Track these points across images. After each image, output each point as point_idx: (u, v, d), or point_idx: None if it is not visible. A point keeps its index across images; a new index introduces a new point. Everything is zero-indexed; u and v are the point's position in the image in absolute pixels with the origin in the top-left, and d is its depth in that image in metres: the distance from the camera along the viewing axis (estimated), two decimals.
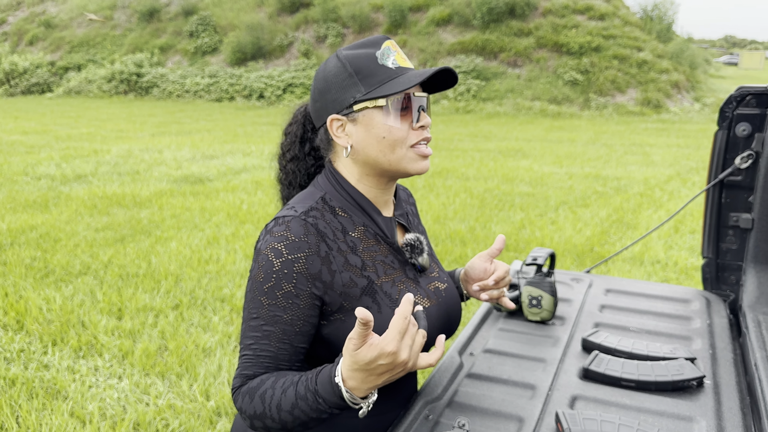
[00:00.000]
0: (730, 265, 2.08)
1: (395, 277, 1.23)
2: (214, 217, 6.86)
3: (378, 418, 1.27)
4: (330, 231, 1.17)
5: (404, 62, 1.20)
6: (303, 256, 1.12)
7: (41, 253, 5.54)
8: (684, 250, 5.78)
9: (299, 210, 1.17)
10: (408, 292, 1.21)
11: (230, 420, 3.00)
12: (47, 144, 12.67)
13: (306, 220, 1.14)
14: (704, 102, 21.18)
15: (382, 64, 1.17)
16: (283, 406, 1.06)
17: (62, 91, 27.37)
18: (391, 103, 1.16)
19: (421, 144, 1.20)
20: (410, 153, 1.19)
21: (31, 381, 3.33)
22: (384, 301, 1.18)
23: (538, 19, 23.62)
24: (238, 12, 28.16)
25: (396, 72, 1.17)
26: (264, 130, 15.68)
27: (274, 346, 1.13)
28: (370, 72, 1.17)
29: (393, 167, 1.20)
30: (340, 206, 1.23)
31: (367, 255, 1.21)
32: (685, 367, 1.43)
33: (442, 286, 1.32)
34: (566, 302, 1.94)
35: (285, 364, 1.14)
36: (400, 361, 0.99)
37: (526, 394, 1.40)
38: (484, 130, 15.94)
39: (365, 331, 0.97)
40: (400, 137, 1.17)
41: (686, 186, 8.76)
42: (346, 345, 1.00)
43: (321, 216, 1.18)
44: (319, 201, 1.21)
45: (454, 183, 8.86)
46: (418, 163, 1.20)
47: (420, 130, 1.19)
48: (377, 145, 1.18)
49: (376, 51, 1.18)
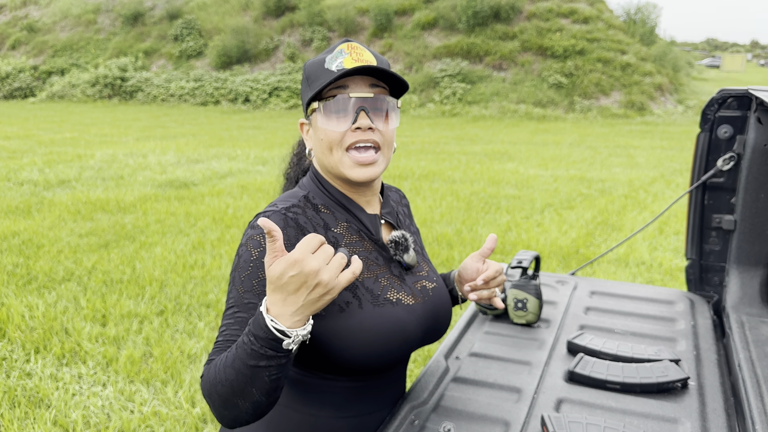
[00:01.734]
0: (714, 267, 2.10)
1: (378, 273, 1.22)
2: (200, 222, 6.82)
3: (361, 419, 1.26)
4: (311, 226, 1.18)
5: (354, 63, 1.16)
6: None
7: (24, 259, 5.48)
8: (668, 252, 5.82)
9: (280, 206, 1.18)
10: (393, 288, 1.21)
11: (216, 427, 2.98)
12: (30, 149, 12.55)
13: (286, 215, 1.16)
14: (687, 104, 21.39)
15: (326, 68, 1.17)
16: (227, 361, 1.00)
17: (45, 96, 27.12)
18: (323, 105, 1.16)
19: (356, 148, 1.17)
20: (345, 158, 1.18)
21: (14, 389, 3.28)
22: (365, 297, 1.17)
23: (522, 22, 23.75)
24: (223, 15, 28.06)
25: (335, 74, 1.15)
26: (249, 134, 15.62)
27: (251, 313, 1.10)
28: (316, 77, 1.18)
29: (334, 171, 1.20)
30: (323, 204, 1.23)
31: (349, 251, 1.21)
32: (670, 369, 1.44)
33: (430, 285, 1.30)
34: (551, 305, 1.94)
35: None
36: (309, 269, 0.93)
37: (512, 397, 1.39)
38: (470, 133, 15.99)
39: (273, 245, 0.95)
40: (333, 139, 1.17)
41: (670, 187, 8.83)
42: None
43: (302, 212, 1.19)
44: (302, 199, 1.22)
45: (440, 186, 8.88)
46: (353, 169, 1.17)
47: (356, 132, 1.16)
48: (320, 148, 1.20)
49: (328, 56, 1.18)
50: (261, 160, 11.36)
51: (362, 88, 1.17)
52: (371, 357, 1.16)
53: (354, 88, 1.17)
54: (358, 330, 1.14)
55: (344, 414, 1.24)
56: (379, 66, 1.14)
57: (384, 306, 1.18)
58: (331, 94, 1.17)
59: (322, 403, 1.23)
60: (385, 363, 1.19)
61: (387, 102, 1.19)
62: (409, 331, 1.20)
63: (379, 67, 1.14)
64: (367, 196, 1.27)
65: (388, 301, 1.19)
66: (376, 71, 1.15)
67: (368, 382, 1.24)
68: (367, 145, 1.17)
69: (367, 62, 1.17)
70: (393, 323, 1.17)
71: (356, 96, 1.15)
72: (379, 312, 1.16)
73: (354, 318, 1.14)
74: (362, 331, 1.14)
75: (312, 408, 1.23)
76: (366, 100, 1.16)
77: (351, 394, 1.24)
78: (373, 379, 1.25)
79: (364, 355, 1.15)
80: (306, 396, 1.23)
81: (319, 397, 1.23)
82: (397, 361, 1.23)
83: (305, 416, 1.24)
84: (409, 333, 1.20)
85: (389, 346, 1.16)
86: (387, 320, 1.16)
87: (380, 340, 1.15)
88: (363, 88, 1.17)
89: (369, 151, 1.18)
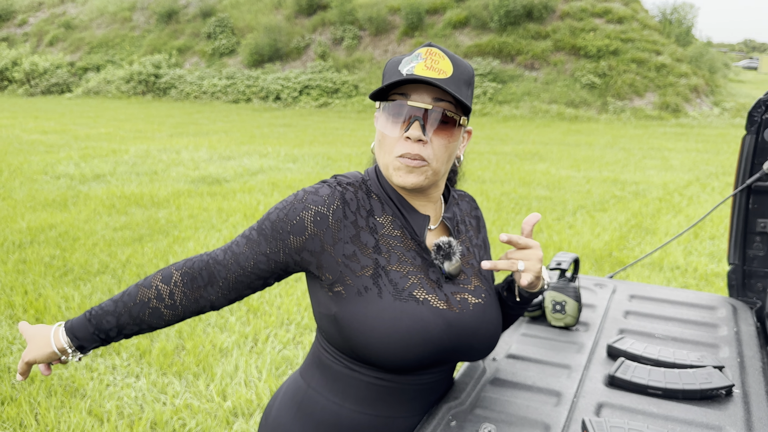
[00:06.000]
0: (757, 272, 2.05)
1: (410, 271, 1.20)
2: (231, 218, 6.89)
3: (385, 421, 1.25)
4: (355, 204, 1.21)
5: (425, 70, 1.12)
6: (314, 210, 1.17)
7: (60, 251, 5.59)
8: (704, 256, 5.71)
9: (338, 179, 1.24)
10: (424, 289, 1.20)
11: (246, 420, 3.00)
12: (66, 143, 12.80)
13: (336, 188, 1.21)
14: (723, 106, 20.97)
15: (398, 69, 1.16)
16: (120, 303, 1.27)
17: (81, 92, 27.67)
18: (382, 107, 1.17)
19: (404, 158, 1.15)
20: (396, 162, 1.17)
21: (50, 379, 3.35)
22: (386, 287, 1.17)
23: (555, 22, 23.52)
24: (256, 14, 28.31)
25: (401, 77, 1.13)
26: (280, 131, 15.73)
27: (245, 249, 1.22)
28: (388, 75, 1.18)
29: (384, 171, 1.20)
30: (376, 193, 1.24)
31: (384, 241, 1.20)
32: (714, 376, 1.41)
33: (474, 300, 1.25)
34: (590, 308, 1.91)
35: (233, 270, 1.22)
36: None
37: (551, 400, 1.37)
38: (501, 133, 15.88)
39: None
40: (387, 143, 1.17)
41: (705, 191, 8.66)
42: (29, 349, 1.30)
43: (354, 192, 1.22)
44: (360, 181, 1.25)
45: (470, 186, 8.83)
46: (398, 171, 1.16)
47: (405, 142, 1.14)
48: (378, 145, 1.21)
49: (408, 56, 1.17)
50: (291, 157, 11.43)
51: (423, 98, 1.14)
52: (388, 349, 1.14)
53: (414, 97, 1.14)
54: (376, 319, 1.14)
55: (367, 411, 1.24)
56: (435, 81, 1.10)
57: (407, 302, 1.16)
58: (393, 98, 1.16)
59: (346, 394, 1.25)
60: (404, 360, 1.17)
61: (447, 116, 1.15)
62: (432, 333, 1.17)
63: (435, 83, 1.10)
64: (421, 200, 1.25)
65: (412, 298, 1.17)
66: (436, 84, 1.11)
67: (393, 382, 1.23)
68: (412, 155, 1.15)
69: (440, 71, 1.13)
70: (414, 321, 1.15)
71: (413, 105, 1.13)
72: (400, 306, 1.15)
73: (372, 305, 1.15)
74: (380, 321, 1.14)
75: (336, 397, 1.26)
76: (422, 110, 1.14)
77: (374, 391, 1.23)
78: (397, 379, 1.23)
79: (381, 344, 1.14)
80: (333, 384, 1.26)
81: (343, 388, 1.25)
82: (419, 363, 1.19)
83: (330, 403, 1.27)
84: (432, 335, 1.17)
85: (408, 343, 1.15)
86: (408, 316, 1.15)
87: (398, 333, 1.14)
88: (424, 97, 1.14)
89: (416, 159, 1.15)
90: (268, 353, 3.65)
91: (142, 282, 1.26)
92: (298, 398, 1.31)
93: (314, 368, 1.31)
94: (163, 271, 1.25)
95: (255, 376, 3.40)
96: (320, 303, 1.22)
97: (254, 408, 3.11)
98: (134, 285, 1.26)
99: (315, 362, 1.31)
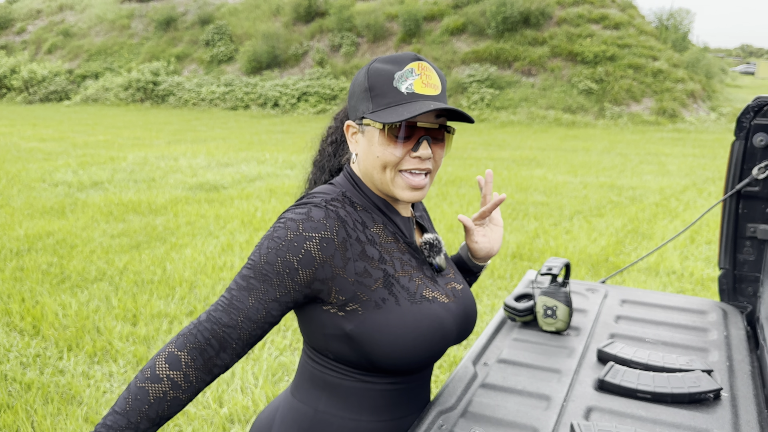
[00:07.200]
0: (748, 277, 2.06)
1: (412, 273, 1.24)
2: (229, 225, 6.90)
3: (396, 423, 1.28)
4: (350, 220, 1.20)
5: (423, 88, 1.18)
6: (318, 237, 1.13)
7: (57, 258, 5.59)
8: (700, 261, 5.73)
9: (320, 198, 1.19)
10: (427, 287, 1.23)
11: (243, 427, 3.01)
12: (64, 151, 12.82)
13: (327, 207, 1.17)
14: (720, 111, 21.03)
15: (395, 87, 1.17)
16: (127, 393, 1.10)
17: (79, 99, 27.70)
18: (388, 128, 1.17)
19: (412, 172, 1.19)
20: (399, 178, 1.19)
21: (47, 386, 3.36)
22: (401, 294, 1.19)
23: (552, 28, 23.60)
24: (254, 21, 28.38)
25: (405, 98, 1.16)
26: (278, 138, 15.76)
27: (250, 302, 1.12)
28: (382, 92, 1.18)
29: (382, 188, 1.23)
30: (360, 203, 1.25)
31: (384, 250, 1.23)
32: (702, 379, 1.42)
33: (459, 287, 1.33)
34: (581, 312, 1.93)
35: (246, 328, 1.13)
36: None
37: (541, 405, 1.39)
38: (498, 138, 15.92)
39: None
40: (391, 161, 1.18)
41: (702, 196, 8.69)
42: None
43: (342, 207, 1.20)
44: (340, 195, 1.23)
45: (467, 191, 8.85)
46: (404, 191, 1.20)
47: (415, 159, 1.19)
48: (372, 161, 1.20)
49: (397, 71, 1.18)
50: (289, 164, 11.45)
51: (429, 117, 1.18)
52: (413, 353, 1.18)
53: (421, 117, 1.17)
54: (399, 326, 1.16)
55: (382, 417, 1.26)
56: (455, 108, 1.16)
57: (422, 303, 1.20)
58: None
59: (361, 408, 1.24)
60: (424, 360, 1.22)
61: (447, 131, 1.22)
62: (447, 328, 1.22)
63: (456, 109, 1.16)
64: (401, 204, 1.30)
65: (424, 299, 1.21)
66: (450, 111, 1.16)
67: (404, 383, 1.26)
68: (421, 170, 1.20)
69: (434, 86, 1.19)
70: (432, 320, 1.19)
71: (423, 126, 1.17)
72: (418, 309, 1.19)
73: (393, 314, 1.16)
74: (403, 327, 1.16)
75: (351, 413, 1.24)
76: (430, 130, 1.18)
77: (389, 396, 1.26)
78: (408, 380, 1.27)
79: (407, 350, 1.17)
80: (346, 401, 1.24)
81: (358, 402, 1.24)
82: (435, 358, 1.25)
83: (345, 421, 1.24)
84: (447, 330, 1.22)
85: (430, 342, 1.19)
86: (426, 317, 1.19)
87: (421, 336, 1.17)
88: (429, 117, 1.18)
89: (421, 175, 1.20)
90: (265, 360, 3.65)
91: (146, 378, 1.09)
92: (305, 426, 1.26)
93: (317, 391, 1.27)
94: (165, 358, 1.10)
95: (251, 383, 3.41)
96: (325, 326, 1.20)
97: (251, 414, 3.12)
98: (136, 387, 1.09)
99: (317, 385, 1.27)
